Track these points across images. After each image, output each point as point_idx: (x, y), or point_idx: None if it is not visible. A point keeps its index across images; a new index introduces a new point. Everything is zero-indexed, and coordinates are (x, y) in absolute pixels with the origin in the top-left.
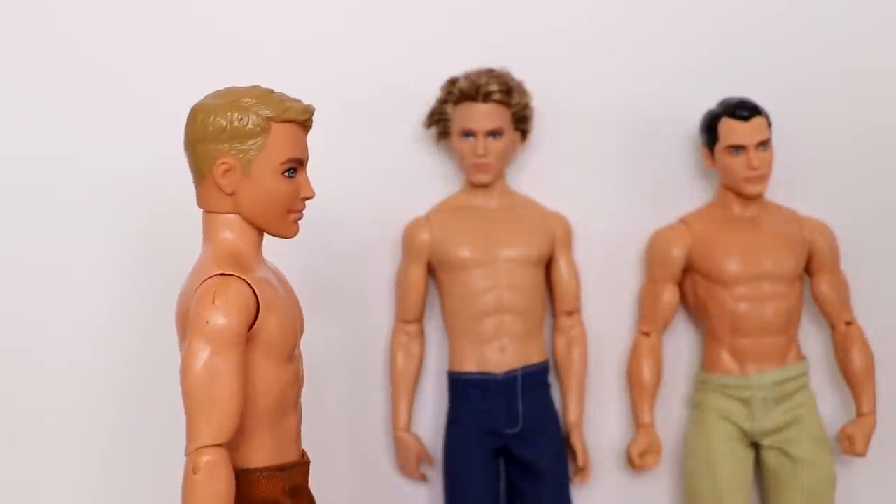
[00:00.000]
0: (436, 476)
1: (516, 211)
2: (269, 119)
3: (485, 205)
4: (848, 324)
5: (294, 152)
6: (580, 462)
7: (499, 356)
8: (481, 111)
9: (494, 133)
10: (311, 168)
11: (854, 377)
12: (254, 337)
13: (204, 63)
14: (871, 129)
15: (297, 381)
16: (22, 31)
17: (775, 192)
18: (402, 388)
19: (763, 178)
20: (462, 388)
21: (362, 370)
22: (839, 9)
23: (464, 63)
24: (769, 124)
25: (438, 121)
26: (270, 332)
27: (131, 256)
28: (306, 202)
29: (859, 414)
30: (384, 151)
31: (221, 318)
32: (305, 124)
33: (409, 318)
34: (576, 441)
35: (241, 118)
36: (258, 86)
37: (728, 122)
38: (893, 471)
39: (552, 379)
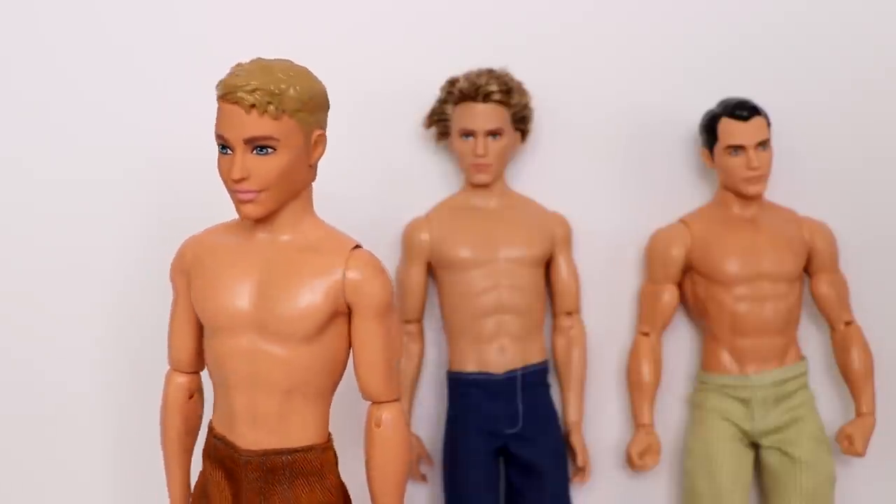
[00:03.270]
0: (436, 476)
1: (516, 211)
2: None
3: (484, 205)
4: (847, 324)
5: (217, 129)
6: (580, 462)
7: (499, 356)
8: (481, 111)
9: (494, 133)
10: None
11: (853, 377)
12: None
13: (203, 63)
14: (870, 129)
15: (228, 359)
16: (29, 33)
17: (775, 192)
18: (402, 389)
19: (762, 178)
20: (462, 388)
21: None
22: (838, 9)
23: (464, 63)
24: (768, 124)
25: (438, 121)
26: (194, 294)
27: (131, 255)
28: (238, 185)
29: (858, 414)
30: (384, 151)
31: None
32: (227, 100)
33: (409, 318)
34: (575, 441)
35: None
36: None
37: (727, 123)
38: (893, 471)
39: (552, 379)
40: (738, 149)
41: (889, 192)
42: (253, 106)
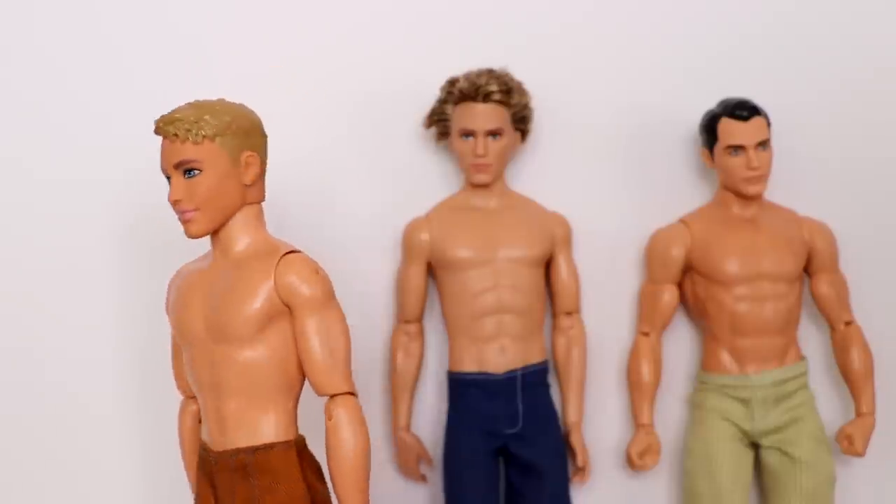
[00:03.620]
0: (436, 476)
1: (516, 211)
2: None
3: (484, 205)
4: (847, 324)
5: (160, 163)
6: (580, 462)
7: (499, 356)
8: (481, 111)
9: (494, 133)
10: (311, 167)
11: (853, 377)
12: None
13: (204, 64)
14: (870, 129)
15: (194, 368)
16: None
17: (775, 192)
18: (402, 388)
19: (762, 178)
20: (462, 388)
21: (362, 370)
22: (839, 9)
23: (464, 63)
24: (768, 124)
25: (438, 121)
26: (169, 319)
27: (129, 254)
28: (177, 207)
29: (858, 414)
30: (384, 151)
31: None
32: (158, 133)
33: (409, 318)
34: (575, 441)
35: None
36: None
37: (727, 123)
38: (893, 471)
39: (552, 379)
40: (738, 149)
41: (889, 191)
42: (176, 135)
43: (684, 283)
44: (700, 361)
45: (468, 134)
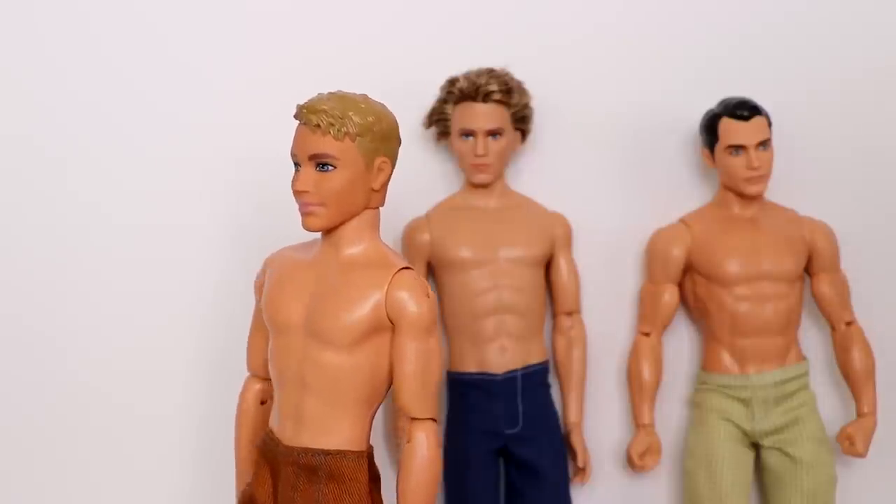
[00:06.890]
0: None
1: (516, 211)
2: None
3: (484, 205)
4: (848, 324)
5: (291, 147)
6: (580, 462)
7: (499, 356)
8: (481, 111)
9: (494, 133)
10: None
11: (854, 377)
12: None
13: (206, 65)
14: (871, 129)
15: (281, 357)
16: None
17: (775, 192)
18: None
19: (763, 178)
20: (462, 388)
21: None
22: (839, 9)
23: (464, 63)
24: (769, 124)
25: (438, 121)
26: (262, 300)
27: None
28: (301, 197)
29: (859, 414)
30: None
31: None
32: (299, 120)
33: None
34: (576, 441)
35: None
36: None
37: (728, 122)
38: (893, 471)
39: (552, 379)
40: (738, 148)
41: (889, 191)
42: (318, 126)
43: (684, 283)
44: (700, 361)
45: (468, 134)
